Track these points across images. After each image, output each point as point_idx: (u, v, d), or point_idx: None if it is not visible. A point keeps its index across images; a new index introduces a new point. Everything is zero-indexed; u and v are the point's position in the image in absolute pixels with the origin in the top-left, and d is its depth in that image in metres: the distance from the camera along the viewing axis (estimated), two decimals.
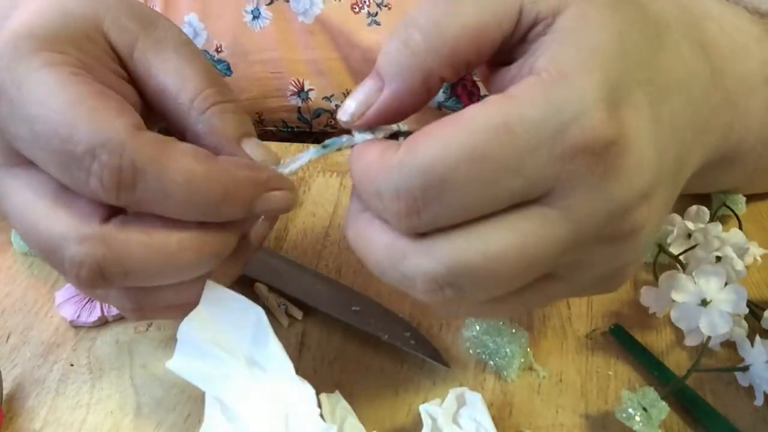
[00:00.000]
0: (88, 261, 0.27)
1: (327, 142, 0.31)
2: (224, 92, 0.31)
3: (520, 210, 0.26)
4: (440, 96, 0.61)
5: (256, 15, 0.62)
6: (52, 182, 0.29)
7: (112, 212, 0.29)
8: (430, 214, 0.25)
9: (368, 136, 0.30)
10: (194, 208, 0.28)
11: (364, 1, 0.60)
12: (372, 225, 0.28)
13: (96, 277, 0.28)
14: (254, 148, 0.32)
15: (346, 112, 0.29)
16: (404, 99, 0.28)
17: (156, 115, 0.32)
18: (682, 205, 0.49)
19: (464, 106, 0.26)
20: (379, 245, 0.27)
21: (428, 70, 0.27)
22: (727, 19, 0.41)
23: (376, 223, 0.28)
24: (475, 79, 0.61)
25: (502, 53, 0.29)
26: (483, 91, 0.61)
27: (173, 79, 0.31)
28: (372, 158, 0.27)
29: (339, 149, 0.31)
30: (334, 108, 0.65)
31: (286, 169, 0.32)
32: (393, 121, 0.29)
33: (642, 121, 0.27)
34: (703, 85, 0.33)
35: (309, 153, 0.32)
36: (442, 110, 0.62)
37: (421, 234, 0.27)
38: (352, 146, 0.29)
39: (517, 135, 0.24)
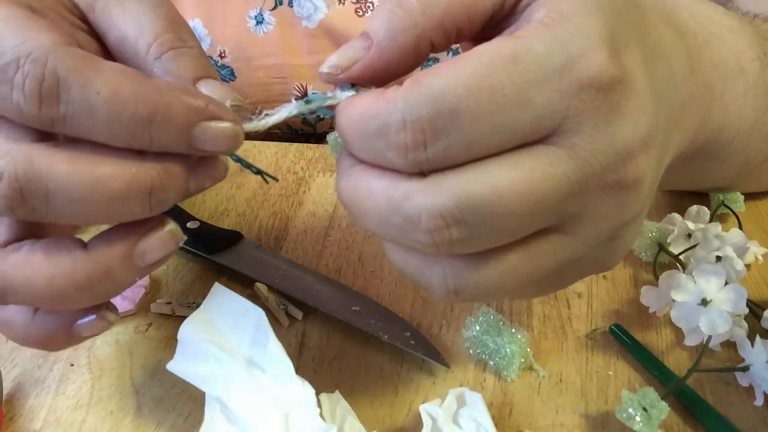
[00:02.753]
0: (7, 174, 0.26)
1: (310, 96, 0.30)
2: (184, 38, 0.30)
3: (527, 148, 0.26)
4: None
5: (259, 20, 0.62)
6: None
7: (45, 139, 0.27)
8: (437, 148, 0.25)
9: (351, 92, 0.28)
10: (121, 127, 0.25)
11: (368, 5, 0.60)
12: (367, 173, 0.27)
13: (15, 195, 0.26)
14: (213, 88, 0.29)
15: (329, 64, 0.28)
16: (393, 59, 0.28)
17: None
18: (682, 205, 0.49)
19: None
20: (378, 191, 0.27)
21: (420, 31, 0.27)
22: (699, 10, 0.42)
23: (372, 171, 0.27)
24: None
25: (488, 29, 0.29)
26: None
27: (132, 27, 0.30)
28: (368, 100, 0.26)
29: (321, 107, 0.29)
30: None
31: (266, 120, 0.30)
32: (377, 82, 0.29)
33: (640, 69, 0.27)
34: (681, 63, 0.34)
35: (290, 106, 0.30)
36: None
37: (424, 175, 0.26)
38: (334, 106, 0.28)
39: (525, 66, 0.25)
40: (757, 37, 0.45)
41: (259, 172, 0.33)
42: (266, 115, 0.30)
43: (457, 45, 0.31)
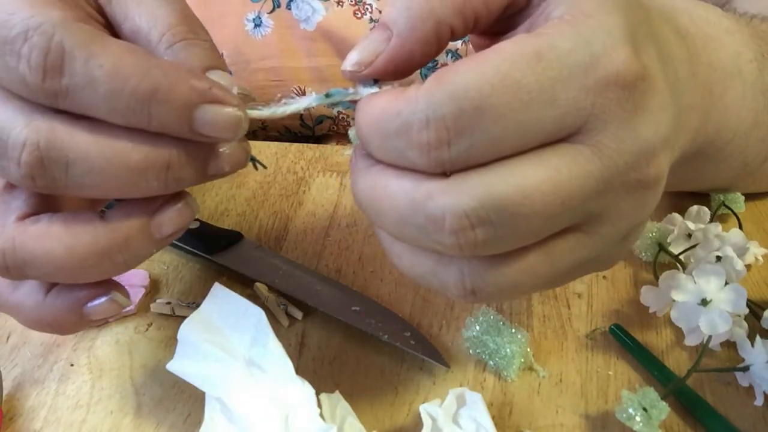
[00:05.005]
0: (29, 142, 0.26)
1: (331, 91, 0.30)
2: (196, 31, 0.30)
3: (551, 147, 0.26)
4: None
5: (257, 23, 0.62)
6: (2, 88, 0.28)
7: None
8: (460, 147, 0.25)
9: (374, 89, 0.28)
10: (121, 103, 0.26)
11: (366, 7, 0.60)
12: (386, 174, 0.27)
13: (36, 163, 0.26)
14: (221, 78, 0.29)
15: (352, 61, 0.28)
16: (414, 48, 0.27)
17: None
18: (682, 205, 0.49)
19: None
20: (398, 191, 0.26)
21: (440, 18, 0.27)
22: (697, 13, 0.42)
23: (391, 171, 0.27)
24: None
25: (501, 22, 0.29)
26: None
27: (146, 19, 0.30)
28: (388, 99, 0.26)
29: (342, 101, 0.29)
30: (336, 114, 0.65)
31: (284, 108, 0.30)
32: (400, 74, 0.28)
33: (658, 67, 0.27)
34: (683, 67, 0.34)
35: (309, 98, 0.30)
36: None
37: (446, 175, 0.26)
38: (356, 101, 0.28)
39: (550, 63, 0.25)
40: (755, 38, 0.45)
41: (252, 159, 0.33)
42: (284, 103, 0.30)
43: (456, 48, 0.31)
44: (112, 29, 0.31)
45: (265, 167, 0.34)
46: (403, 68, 0.28)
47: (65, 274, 0.29)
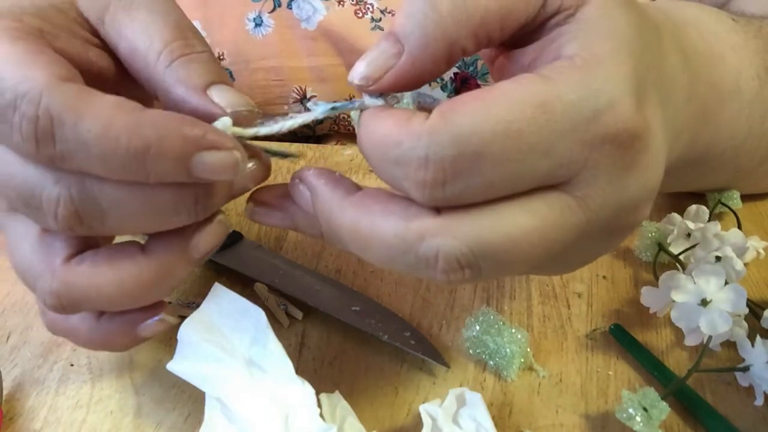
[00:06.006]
0: (62, 198, 0.27)
1: (337, 104, 0.30)
2: (193, 44, 0.30)
3: (540, 194, 0.26)
4: (442, 95, 0.61)
5: (258, 23, 0.62)
6: None
7: None
8: (455, 188, 0.25)
9: (380, 102, 0.28)
10: (116, 163, 0.26)
11: (367, 7, 0.60)
12: (370, 211, 0.27)
13: (72, 216, 0.27)
14: (224, 94, 0.29)
15: (359, 75, 0.28)
16: (424, 66, 0.27)
17: (132, 80, 0.31)
18: (681, 205, 0.49)
19: None
20: (388, 230, 0.26)
21: (453, 38, 0.27)
22: (706, 26, 0.41)
23: (375, 208, 0.27)
24: (480, 83, 0.60)
25: (514, 38, 0.29)
26: None
27: (142, 37, 0.30)
28: (393, 124, 0.26)
29: (348, 111, 0.30)
30: (337, 114, 0.65)
31: (291, 123, 0.30)
32: (408, 88, 0.28)
33: (658, 119, 0.27)
34: (682, 93, 0.34)
35: (316, 111, 0.30)
36: None
37: (437, 211, 0.26)
38: (361, 111, 0.28)
39: (554, 115, 0.25)
40: (761, 52, 0.44)
41: (285, 155, 0.33)
42: (291, 117, 0.30)
43: None
44: (110, 51, 0.31)
45: (296, 156, 0.35)
46: (410, 84, 0.28)
47: (116, 305, 0.31)
